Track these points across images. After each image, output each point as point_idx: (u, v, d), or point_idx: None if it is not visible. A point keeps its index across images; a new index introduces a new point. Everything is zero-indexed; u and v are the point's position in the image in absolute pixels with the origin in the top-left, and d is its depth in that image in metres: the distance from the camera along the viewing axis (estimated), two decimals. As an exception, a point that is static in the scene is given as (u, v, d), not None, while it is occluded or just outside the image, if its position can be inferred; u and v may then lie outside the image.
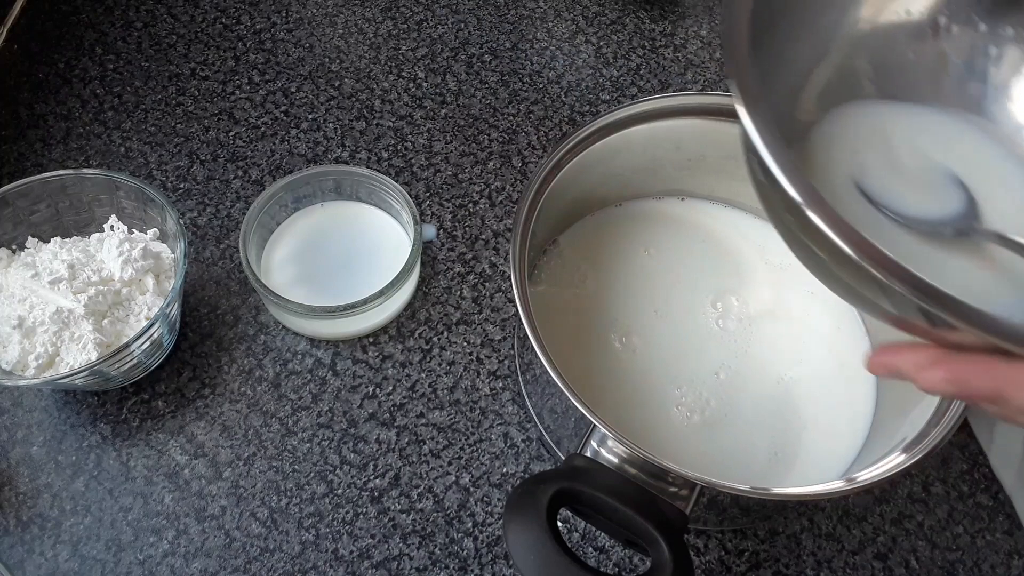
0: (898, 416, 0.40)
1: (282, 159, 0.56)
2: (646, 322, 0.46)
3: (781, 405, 0.44)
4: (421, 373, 0.48)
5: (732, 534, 0.44)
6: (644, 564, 0.43)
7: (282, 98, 0.60)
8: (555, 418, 0.42)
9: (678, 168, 0.48)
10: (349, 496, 0.44)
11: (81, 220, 0.48)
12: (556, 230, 0.49)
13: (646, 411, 0.43)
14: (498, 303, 0.51)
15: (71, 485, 0.44)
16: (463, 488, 0.44)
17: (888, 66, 0.35)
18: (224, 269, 0.51)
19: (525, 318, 0.36)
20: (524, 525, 0.32)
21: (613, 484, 0.33)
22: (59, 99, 0.58)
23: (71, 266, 0.44)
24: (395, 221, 0.51)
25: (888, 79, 0.35)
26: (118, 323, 0.44)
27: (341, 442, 0.46)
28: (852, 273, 0.26)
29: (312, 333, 0.48)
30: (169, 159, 0.56)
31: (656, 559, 0.32)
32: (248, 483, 0.44)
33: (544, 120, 0.59)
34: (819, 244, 0.26)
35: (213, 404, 0.46)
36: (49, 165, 0.55)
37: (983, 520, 0.45)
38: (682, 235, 0.50)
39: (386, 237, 0.51)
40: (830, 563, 0.43)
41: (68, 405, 0.46)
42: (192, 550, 0.42)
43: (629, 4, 0.68)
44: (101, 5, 0.64)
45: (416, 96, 0.60)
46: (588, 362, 0.45)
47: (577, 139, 0.43)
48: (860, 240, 0.24)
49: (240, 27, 0.64)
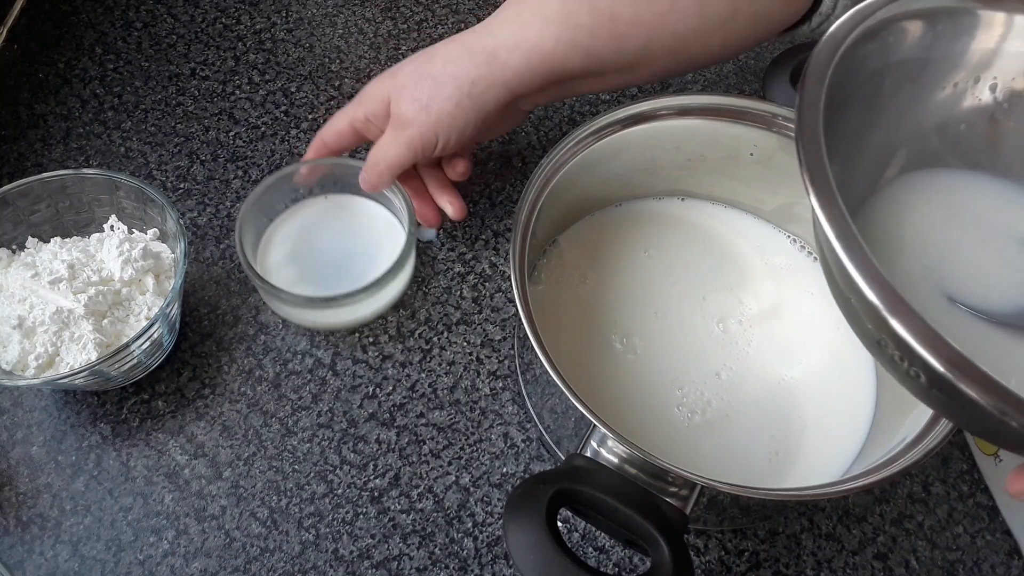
0: (898, 416, 0.40)
1: (282, 159, 0.56)
2: (646, 322, 0.46)
3: (781, 405, 0.44)
4: (421, 373, 0.48)
5: (732, 534, 0.44)
6: (644, 564, 0.43)
7: (282, 98, 0.60)
8: (555, 418, 0.42)
9: (678, 168, 0.48)
10: (349, 496, 0.44)
11: (81, 220, 0.48)
12: (556, 230, 0.49)
13: (646, 411, 0.43)
14: (498, 303, 0.51)
15: (71, 485, 0.44)
16: (463, 488, 0.44)
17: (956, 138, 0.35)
18: (224, 269, 0.51)
19: (525, 318, 0.36)
20: (524, 525, 0.32)
21: (613, 484, 0.33)
22: (59, 99, 0.58)
23: (71, 266, 0.44)
24: (389, 212, 0.51)
25: (959, 150, 0.35)
26: (118, 323, 0.44)
27: (341, 442, 0.46)
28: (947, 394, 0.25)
29: (307, 324, 0.49)
30: (169, 159, 0.56)
31: (656, 559, 0.32)
32: (248, 483, 0.44)
33: (544, 120, 0.59)
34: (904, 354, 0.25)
35: (213, 404, 0.46)
36: (49, 165, 0.55)
37: (983, 520, 0.45)
38: (682, 235, 0.50)
39: (381, 229, 0.51)
40: (830, 563, 0.43)
41: (68, 405, 0.46)
42: (192, 550, 0.42)
43: (629, 4, 0.67)
44: (101, 5, 0.64)
45: (416, 96, 0.60)
46: (588, 362, 0.45)
47: (577, 139, 0.43)
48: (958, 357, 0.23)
49: (240, 27, 0.64)
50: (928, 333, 0.24)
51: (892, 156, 0.35)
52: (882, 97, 0.33)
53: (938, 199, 0.34)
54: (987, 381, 0.23)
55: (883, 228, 0.33)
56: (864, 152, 0.34)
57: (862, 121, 0.33)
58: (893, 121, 0.34)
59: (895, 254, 0.32)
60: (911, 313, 0.24)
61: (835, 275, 0.27)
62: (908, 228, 0.33)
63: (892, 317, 0.24)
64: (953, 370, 0.23)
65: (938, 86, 0.34)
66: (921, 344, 0.23)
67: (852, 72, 0.30)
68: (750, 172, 0.47)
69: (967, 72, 0.34)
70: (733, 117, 0.45)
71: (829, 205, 0.26)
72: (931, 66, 0.34)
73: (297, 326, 0.49)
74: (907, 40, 0.33)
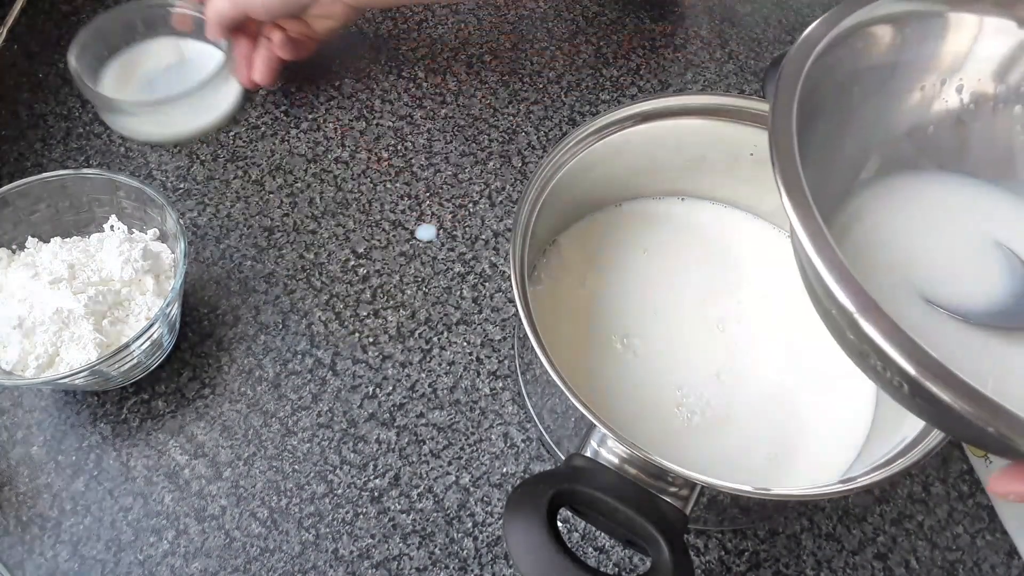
0: (898, 416, 0.40)
1: (282, 159, 0.56)
2: (646, 322, 0.46)
3: (781, 405, 0.44)
4: (421, 373, 0.48)
5: (732, 534, 0.44)
6: (644, 564, 0.43)
7: (282, 98, 0.60)
8: (555, 418, 0.42)
9: (678, 168, 0.48)
10: (349, 496, 0.44)
11: (81, 220, 0.48)
12: (556, 230, 0.49)
13: (646, 411, 0.43)
14: (498, 303, 0.51)
15: (71, 485, 0.44)
16: (463, 488, 0.44)
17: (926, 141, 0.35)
18: (224, 269, 0.51)
19: (525, 318, 0.36)
20: (524, 525, 0.32)
21: (613, 484, 0.33)
22: (59, 99, 0.58)
23: (71, 266, 0.44)
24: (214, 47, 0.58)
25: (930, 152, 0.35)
26: (118, 323, 0.44)
27: (341, 442, 0.46)
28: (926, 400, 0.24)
29: (145, 136, 0.56)
30: (169, 159, 0.56)
31: (656, 559, 0.32)
32: (248, 483, 0.44)
33: (544, 120, 0.59)
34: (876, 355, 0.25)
35: (213, 404, 0.46)
36: (49, 165, 0.55)
37: (983, 520, 0.45)
38: (682, 235, 0.50)
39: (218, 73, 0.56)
40: (830, 563, 0.43)
41: (68, 405, 0.46)
42: (192, 550, 0.42)
43: (629, 4, 0.68)
44: (101, 5, 0.64)
45: (416, 96, 0.60)
46: (588, 362, 0.45)
47: (577, 139, 0.43)
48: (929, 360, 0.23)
49: (240, 27, 0.64)
50: (899, 336, 0.23)
51: (865, 160, 0.35)
52: (853, 102, 0.33)
53: (911, 202, 0.34)
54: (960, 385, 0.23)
55: (858, 232, 0.33)
56: (837, 157, 0.34)
57: (835, 127, 0.33)
58: (865, 126, 0.34)
59: (870, 258, 0.32)
60: (882, 316, 0.24)
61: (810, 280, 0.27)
62: (883, 232, 0.33)
63: (863, 319, 0.24)
64: (925, 373, 0.23)
65: (907, 90, 0.34)
66: (892, 346, 0.23)
67: (823, 78, 0.30)
68: (750, 172, 0.47)
69: (935, 76, 0.34)
70: (733, 117, 0.45)
71: (802, 207, 0.26)
72: (900, 70, 0.34)
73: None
74: (876, 45, 0.33)
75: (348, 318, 0.50)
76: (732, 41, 0.66)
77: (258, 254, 0.52)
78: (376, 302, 0.51)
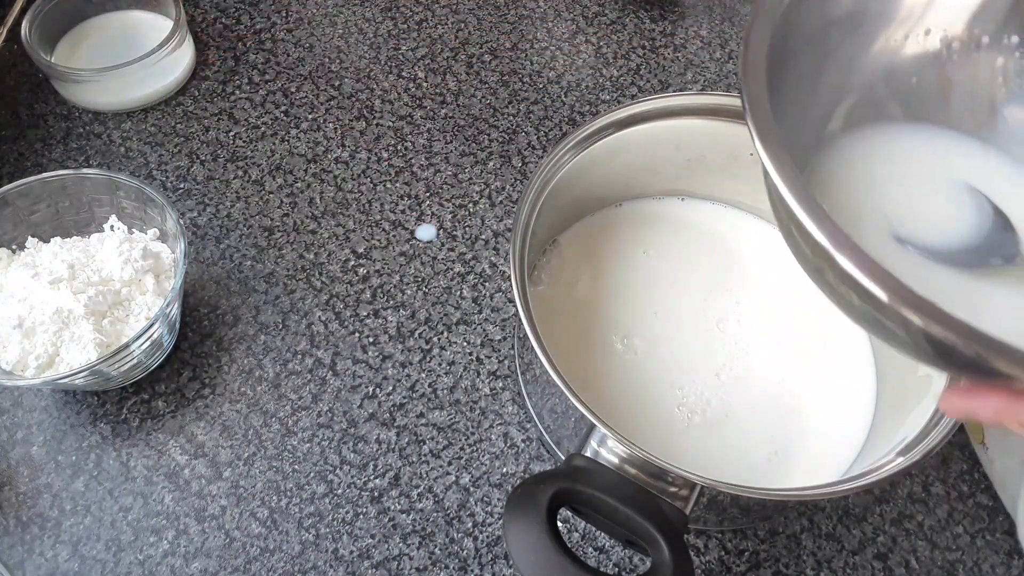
0: (898, 416, 0.40)
1: (282, 159, 0.56)
2: (646, 322, 0.46)
3: (781, 405, 0.44)
4: (421, 373, 0.48)
5: (732, 534, 0.44)
6: (644, 564, 0.43)
7: (282, 98, 0.60)
8: (555, 418, 0.42)
9: (678, 168, 0.48)
10: (349, 496, 0.44)
11: (81, 220, 0.48)
12: (556, 230, 0.49)
13: (646, 411, 0.43)
14: (498, 303, 0.51)
15: (71, 485, 0.44)
16: (463, 488, 0.44)
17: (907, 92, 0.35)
18: (224, 269, 0.51)
19: (525, 318, 0.36)
20: (524, 525, 0.32)
21: (613, 484, 0.33)
22: (59, 99, 0.58)
23: (71, 266, 0.44)
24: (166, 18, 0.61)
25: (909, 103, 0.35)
26: (118, 323, 0.44)
27: (341, 442, 0.46)
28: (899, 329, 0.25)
29: (106, 105, 0.58)
30: (169, 159, 0.56)
31: (656, 559, 0.32)
32: (248, 483, 0.44)
33: (544, 120, 0.59)
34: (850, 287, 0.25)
35: (213, 404, 0.46)
36: (49, 165, 0.55)
37: (983, 520, 0.45)
38: (682, 235, 0.50)
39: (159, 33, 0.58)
40: (830, 563, 0.43)
41: (68, 405, 0.46)
42: (192, 550, 0.42)
43: (629, 4, 0.68)
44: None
45: (416, 96, 0.60)
46: (588, 362, 0.45)
47: (577, 139, 0.43)
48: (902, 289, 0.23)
49: (240, 27, 0.64)
50: (873, 266, 0.24)
51: (839, 105, 0.35)
52: (828, 47, 0.33)
53: (886, 149, 0.34)
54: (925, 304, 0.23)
55: (833, 176, 0.33)
56: (812, 103, 0.34)
57: (809, 71, 0.33)
58: (840, 70, 0.34)
59: (843, 201, 0.33)
60: (855, 248, 0.24)
61: (786, 221, 0.27)
62: (856, 177, 0.33)
63: (838, 253, 0.24)
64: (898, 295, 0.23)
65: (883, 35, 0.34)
66: (868, 277, 0.24)
67: (796, 25, 0.31)
68: (750, 172, 0.47)
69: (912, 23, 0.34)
70: (733, 117, 0.45)
71: (775, 150, 0.26)
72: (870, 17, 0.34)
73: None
74: None
75: (348, 318, 0.50)
76: (732, 41, 0.66)
77: (258, 254, 0.52)
78: (376, 302, 0.51)
